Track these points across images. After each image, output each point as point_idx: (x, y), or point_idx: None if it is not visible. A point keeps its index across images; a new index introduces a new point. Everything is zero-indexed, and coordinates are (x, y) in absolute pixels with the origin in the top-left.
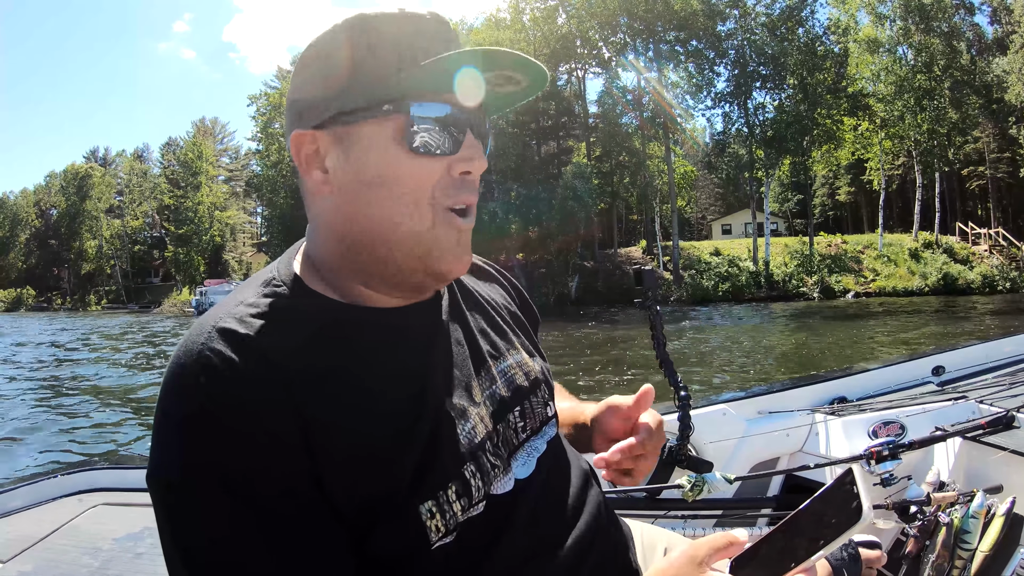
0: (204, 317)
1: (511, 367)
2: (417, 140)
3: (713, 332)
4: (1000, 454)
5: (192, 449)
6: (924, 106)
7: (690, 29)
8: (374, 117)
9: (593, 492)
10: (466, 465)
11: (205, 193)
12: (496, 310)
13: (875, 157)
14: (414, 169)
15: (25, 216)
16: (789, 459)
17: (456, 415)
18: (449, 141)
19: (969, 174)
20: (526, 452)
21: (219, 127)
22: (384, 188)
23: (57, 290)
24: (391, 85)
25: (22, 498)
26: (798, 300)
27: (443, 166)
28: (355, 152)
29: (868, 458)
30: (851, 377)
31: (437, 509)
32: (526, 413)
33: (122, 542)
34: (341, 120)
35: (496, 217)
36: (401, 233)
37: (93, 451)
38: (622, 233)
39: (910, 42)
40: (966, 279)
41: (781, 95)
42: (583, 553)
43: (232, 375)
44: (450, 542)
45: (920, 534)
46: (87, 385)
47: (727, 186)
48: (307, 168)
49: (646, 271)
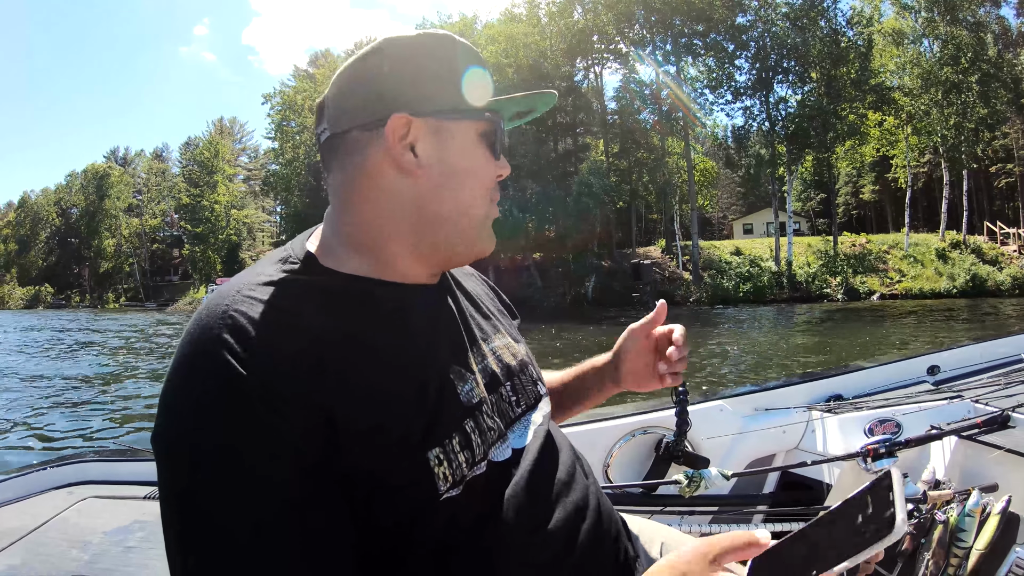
0: (220, 291)
1: (499, 347)
2: (498, 144)
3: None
4: (995, 453)
5: (210, 422)
6: (951, 100)
7: (709, 21)
8: (472, 119)
9: (585, 466)
10: (466, 420)
11: (222, 192)
12: (482, 299)
13: (901, 154)
14: (488, 167)
15: (46, 215)
16: (785, 456)
17: (455, 376)
18: (498, 148)
19: (997, 171)
20: (522, 425)
21: (237, 126)
22: (469, 178)
23: (76, 288)
24: (489, 96)
25: (11, 490)
26: (821, 301)
27: (495, 168)
28: (452, 144)
29: (864, 456)
30: (847, 375)
31: (444, 457)
32: (517, 389)
33: (112, 535)
34: (446, 114)
35: (511, 215)
36: (471, 215)
37: (81, 444)
38: (641, 232)
39: (936, 34)
40: (995, 280)
41: (803, 89)
42: (577, 522)
43: (251, 347)
44: (456, 495)
45: (916, 532)
46: (79, 376)
47: (748, 184)
48: (400, 149)
49: (644, 265)
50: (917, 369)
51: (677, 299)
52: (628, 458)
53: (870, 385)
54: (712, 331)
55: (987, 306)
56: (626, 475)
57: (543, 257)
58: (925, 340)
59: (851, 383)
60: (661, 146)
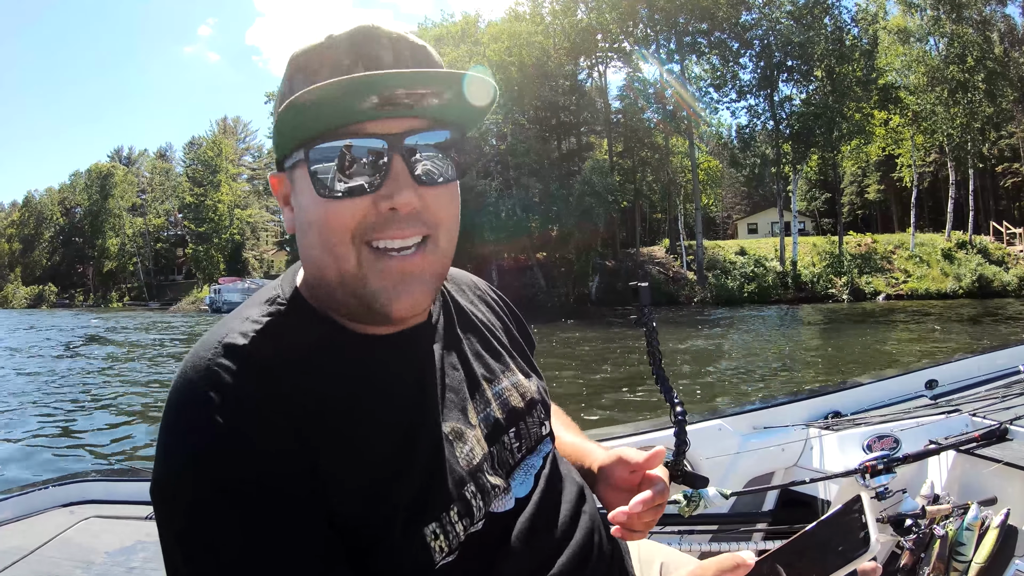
0: (211, 332)
1: (506, 389)
2: (319, 186)
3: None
4: (994, 467)
5: (199, 466)
6: (957, 99)
7: (713, 19)
8: (296, 163)
9: (588, 506)
10: (467, 486)
11: (225, 191)
12: (492, 332)
13: (906, 153)
14: (327, 214)
15: (50, 214)
16: (784, 474)
17: (454, 437)
18: (371, 175)
19: (1004, 171)
20: (523, 471)
21: (241, 126)
22: (311, 233)
23: (80, 287)
24: (287, 131)
25: (12, 509)
26: (826, 302)
27: (367, 203)
28: (296, 197)
29: (863, 472)
30: (845, 391)
31: (441, 531)
32: (521, 434)
33: (114, 555)
34: (283, 166)
35: (515, 215)
36: (331, 276)
37: (81, 463)
38: (645, 232)
39: (941, 32)
40: (1002, 281)
41: (808, 87)
42: (581, 564)
43: (238, 393)
44: (452, 560)
45: (915, 547)
46: (75, 390)
47: (752, 184)
48: (284, 207)
49: (642, 288)
50: (915, 384)
51: (681, 299)
52: None
53: (868, 401)
54: (715, 332)
55: (996, 308)
56: None
57: (546, 257)
58: (933, 342)
59: (849, 399)
60: (665, 145)
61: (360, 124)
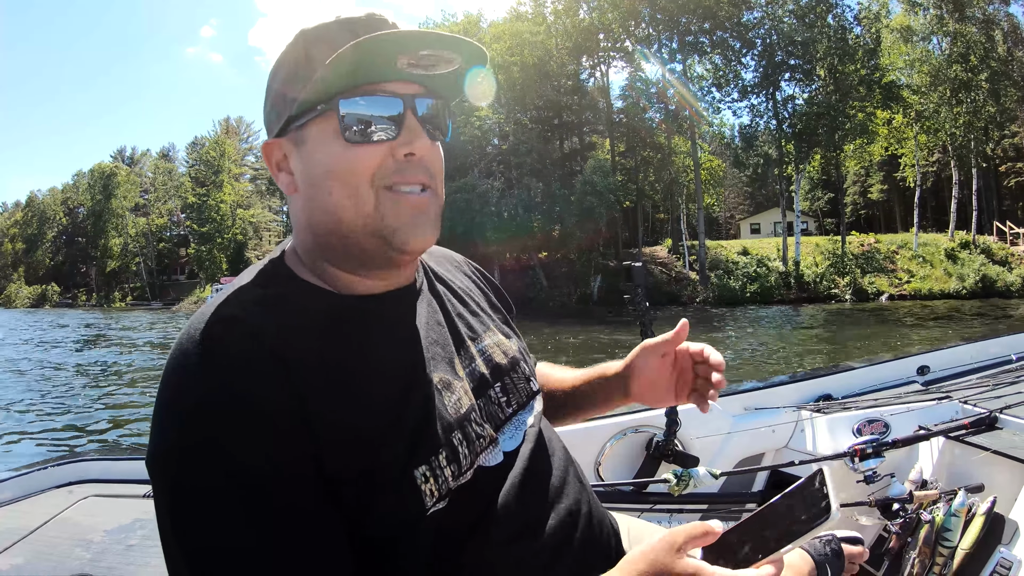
0: (205, 306)
1: (489, 346)
2: (349, 132)
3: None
4: (982, 454)
5: (196, 437)
6: (960, 98)
7: (715, 19)
8: (314, 118)
9: (574, 473)
10: (453, 433)
11: (228, 191)
12: (472, 296)
13: (910, 152)
14: (352, 158)
15: (53, 214)
16: (774, 455)
17: (442, 387)
18: (389, 127)
19: (1007, 170)
20: (513, 425)
21: (243, 126)
22: (330, 179)
23: (83, 287)
24: (321, 86)
25: (11, 490)
26: (829, 302)
27: (384, 151)
28: (306, 152)
29: (852, 455)
30: (837, 375)
31: (431, 474)
32: (508, 388)
33: (113, 534)
34: (293, 126)
35: (517, 215)
36: (350, 217)
37: (80, 442)
38: (648, 232)
39: (945, 31)
40: (1005, 281)
41: (811, 86)
42: (570, 527)
43: (233, 363)
44: (443, 508)
45: (902, 531)
46: (76, 376)
47: (755, 183)
48: (277, 173)
49: (635, 267)
50: (907, 369)
51: (683, 299)
52: (619, 456)
53: (860, 385)
54: (717, 333)
55: (1000, 308)
56: (617, 473)
57: (548, 257)
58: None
59: (841, 383)
60: (667, 145)
61: (380, 84)
